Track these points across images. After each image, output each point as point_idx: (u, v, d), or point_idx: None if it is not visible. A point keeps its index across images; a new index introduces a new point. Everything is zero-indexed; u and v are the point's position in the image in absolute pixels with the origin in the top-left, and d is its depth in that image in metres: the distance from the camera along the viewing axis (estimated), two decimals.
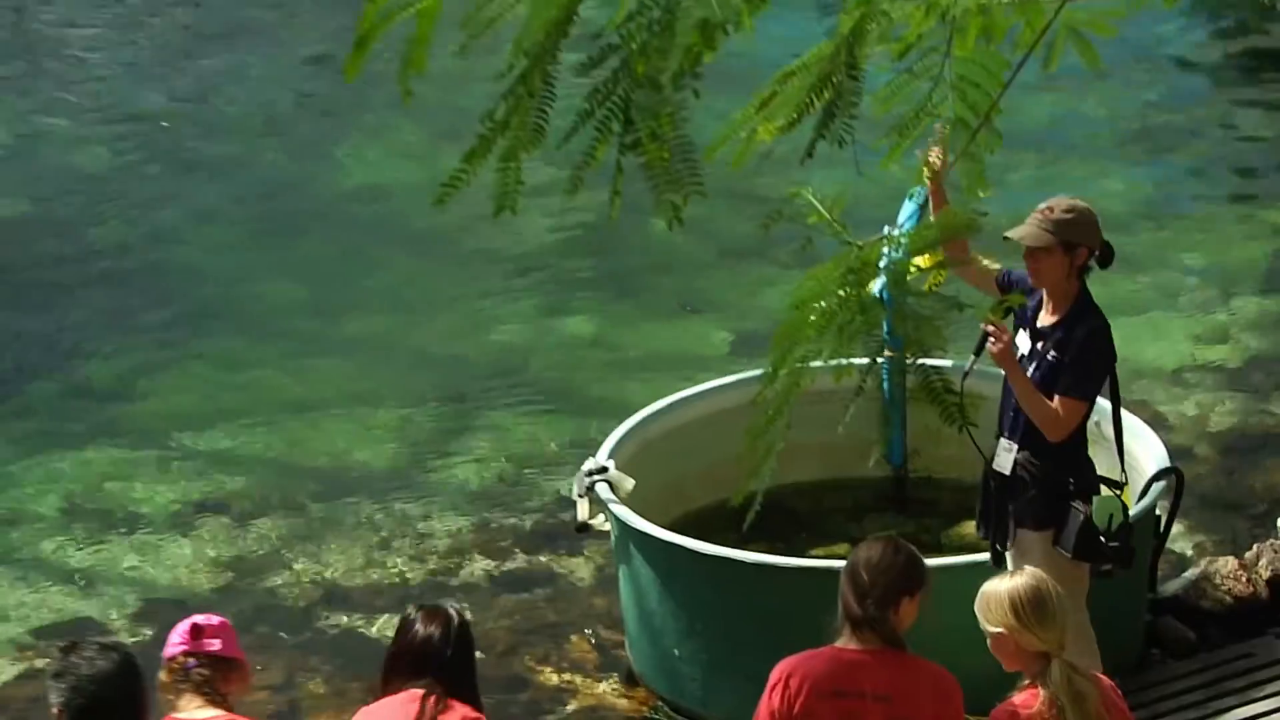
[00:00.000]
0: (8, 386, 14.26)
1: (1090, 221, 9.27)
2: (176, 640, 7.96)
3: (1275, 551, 11.66)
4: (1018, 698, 8.10)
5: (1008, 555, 9.48)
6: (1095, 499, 9.47)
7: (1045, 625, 7.89)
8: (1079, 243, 9.19)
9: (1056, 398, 9.32)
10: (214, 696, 7.47)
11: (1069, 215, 9.13)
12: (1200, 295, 14.70)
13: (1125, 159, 16.15)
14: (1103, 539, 9.45)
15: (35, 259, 15.82)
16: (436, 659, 8.04)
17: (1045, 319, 9.41)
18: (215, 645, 7.89)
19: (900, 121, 4.21)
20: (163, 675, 7.83)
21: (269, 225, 16.28)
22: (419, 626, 8.10)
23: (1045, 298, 9.39)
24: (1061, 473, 9.54)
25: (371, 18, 4.34)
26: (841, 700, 8.04)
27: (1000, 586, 7.88)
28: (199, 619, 7.89)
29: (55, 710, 7.07)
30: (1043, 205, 9.05)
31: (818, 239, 6.78)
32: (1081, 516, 9.39)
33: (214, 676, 7.69)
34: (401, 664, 8.07)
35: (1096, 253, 9.37)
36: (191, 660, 7.81)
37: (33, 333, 14.88)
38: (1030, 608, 7.92)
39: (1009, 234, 8.96)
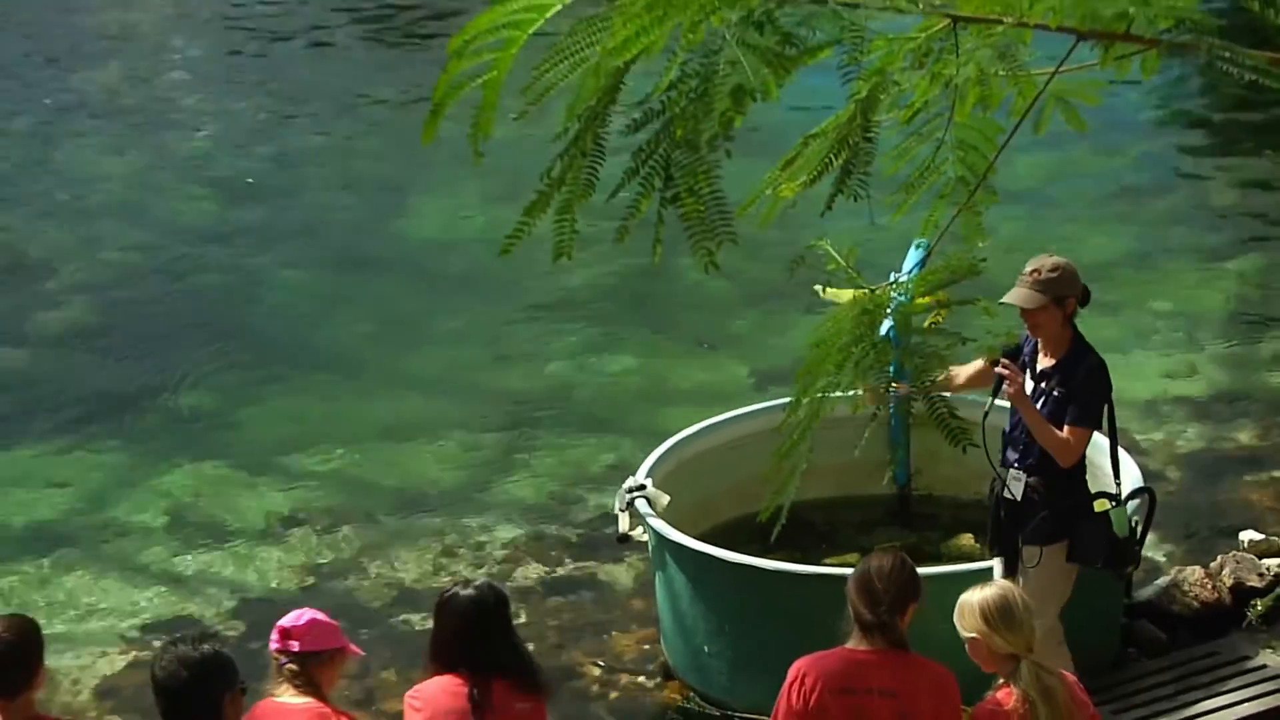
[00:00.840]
0: (120, 413, 14.28)
1: (1072, 274, 9.29)
2: (272, 641, 8.06)
3: (1237, 562, 11.67)
4: (995, 696, 8.12)
5: (1027, 569, 9.47)
6: (1111, 514, 9.53)
7: (1012, 630, 7.92)
8: (1066, 295, 9.23)
9: (1066, 427, 9.36)
10: (304, 686, 7.59)
11: (1055, 274, 9.15)
12: (1170, 336, 14.67)
13: (1104, 215, 16.14)
14: (1134, 548, 9.72)
15: (144, 299, 15.85)
16: (478, 633, 8.05)
17: (1044, 362, 9.47)
18: (295, 645, 7.96)
19: (908, 179, 4.20)
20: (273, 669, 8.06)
21: (348, 272, 16.30)
22: (457, 601, 8.10)
23: (1041, 344, 9.42)
24: (1068, 493, 9.57)
25: (444, 87, 4.35)
26: (851, 696, 8.04)
27: (972, 597, 7.93)
28: (285, 622, 7.97)
29: (155, 696, 7.10)
30: (1029, 267, 9.06)
31: (839, 279, 6.79)
32: (1101, 530, 9.52)
33: (302, 669, 7.77)
34: (444, 642, 8.08)
35: (1080, 298, 9.42)
36: (282, 657, 7.88)
37: (142, 365, 14.90)
38: (998, 615, 7.95)
39: (1005, 300, 8.97)
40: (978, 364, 9.65)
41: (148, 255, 16.50)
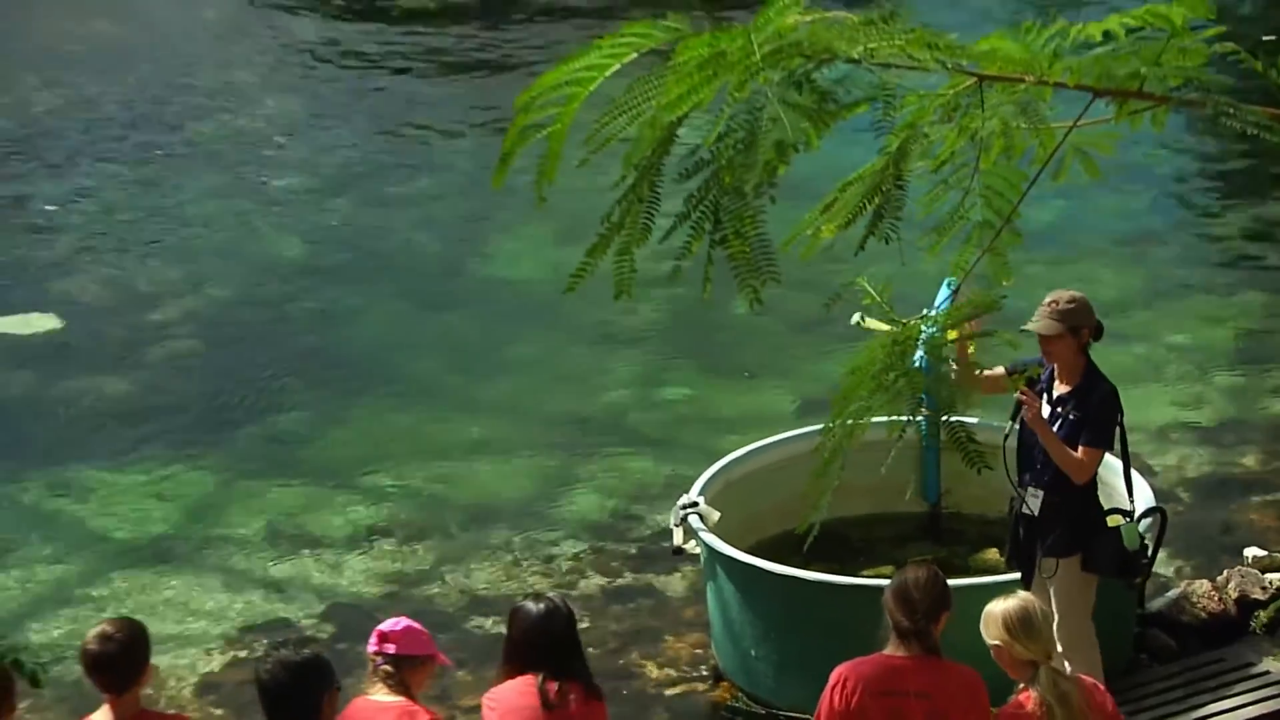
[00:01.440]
0: (220, 434, 14.32)
1: (1087, 307, 9.36)
2: (370, 643, 8.12)
3: (1242, 576, 11.60)
4: (1017, 699, 8.09)
5: (1046, 582, 9.44)
6: (1122, 528, 9.54)
7: (1032, 638, 7.91)
8: (1081, 325, 9.28)
9: (1081, 448, 9.38)
10: (396, 686, 7.63)
11: (1071, 305, 9.21)
12: (1180, 368, 14.60)
13: (1119, 254, 16.05)
14: (1143, 560, 9.76)
15: (242, 331, 15.89)
16: (547, 640, 8.06)
17: (1060, 388, 9.51)
18: (391, 648, 8.03)
19: (938, 223, 4.19)
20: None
21: (425, 305, 16.32)
22: (528, 612, 8.13)
23: (1057, 371, 9.43)
24: (1082, 509, 9.57)
25: (512, 138, 4.36)
26: (889, 699, 8.04)
27: (996, 608, 7.94)
28: (384, 627, 8.10)
29: (260, 696, 7.11)
30: (1048, 299, 9.14)
31: (874, 314, 6.77)
32: (1113, 543, 9.52)
33: (396, 671, 7.84)
34: (516, 648, 8.09)
35: (1093, 328, 9.44)
36: (378, 659, 7.93)
37: (240, 390, 14.93)
38: (1019, 625, 7.95)
39: (1026, 327, 9.00)
40: (999, 370, 9.63)
41: (245, 290, 16.54)
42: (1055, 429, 9.37)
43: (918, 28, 4.22)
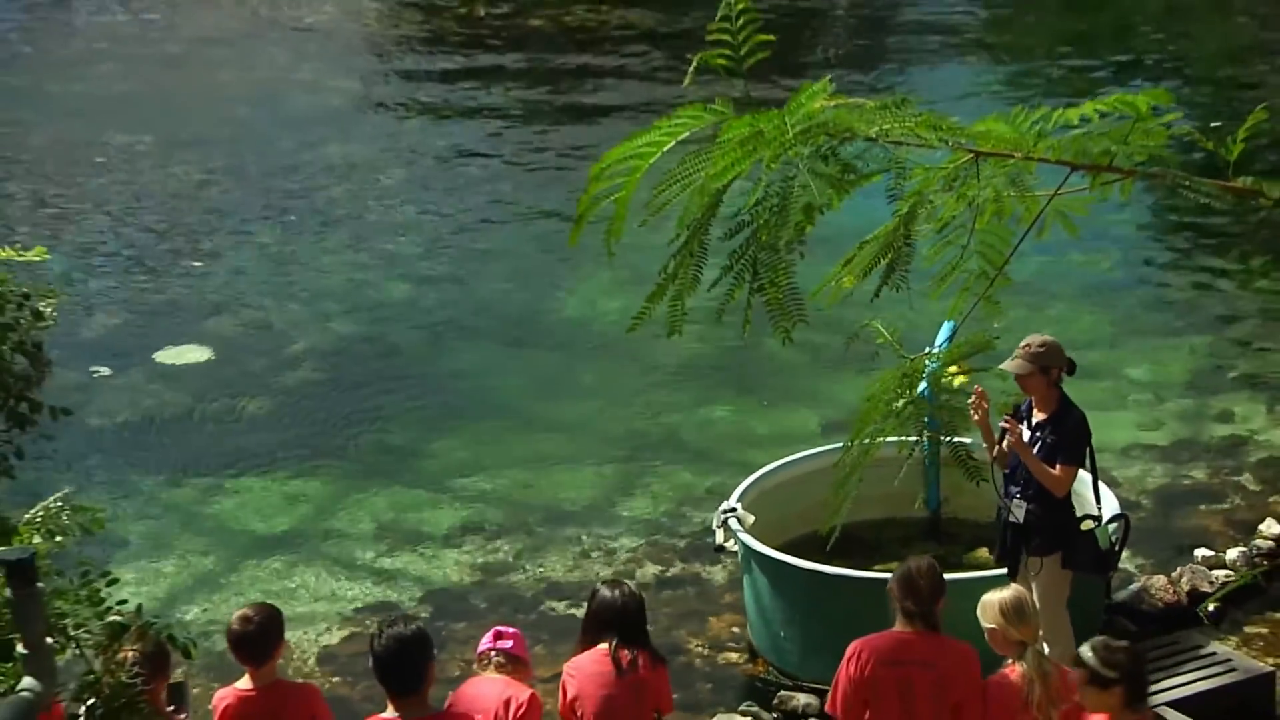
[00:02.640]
0: (340, 447, 14.34)
1: (1057, 349, 9.37)
2: (487, 640, 8.24)
3: (1193, 573, 11.57)
4: (1005, 671, 8.05)
5: (1031, 578, 9.44)
6: (1095, 531, 9.56)
7: (1022, 623, 7.94)
8: (1051, 365, 9.30)
9: (1058, 466, 9.39)
10: (503, 671, 7.91)
11: (1042, 348, 9.23)
12: (1140, 397, 14.52)
13: (1089, 302, 16.02)
14: (1114, 557, 9.76)
15: (359, 362, 15.91)
16: (620, 617, 8.08)
17: (1038, 416, 9.55)
18: (507, 645, 8.11)
19: (940, 273, 4.17)
20: (476, 665, 8.37)
21: (511, 341, 16.32)
22: (605, 594, 8.16)
23: (1034, 402, 9.46)
24: (1061, 517, 9.57)
25: (586, 202, 4.36)
26: (898, 668, 8.04)
27: (993, 597, 8.00)
28: (502, 629, 8.38)
29: (374, 664, 7.12)
30: (1024, 343, 9.22)
31: (887, 353, 6.78)
32: (1087, 543, 9.57)
33: (506, 661, 7.95)
34: (594, 623, 8.10)
35: (1065, 368, 9.43)
36: (493, 651, 8.00)
37: (355, 411, 14.95)
38: (1013, 611, 8.00)
39: (1002, 367, 9.03)
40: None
41: (362, 328, 16.58)
42: (1035, 451, 9.39)
43: (924, 112, 4.21)
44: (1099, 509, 9.80)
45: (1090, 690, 7.39)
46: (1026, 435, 9.43)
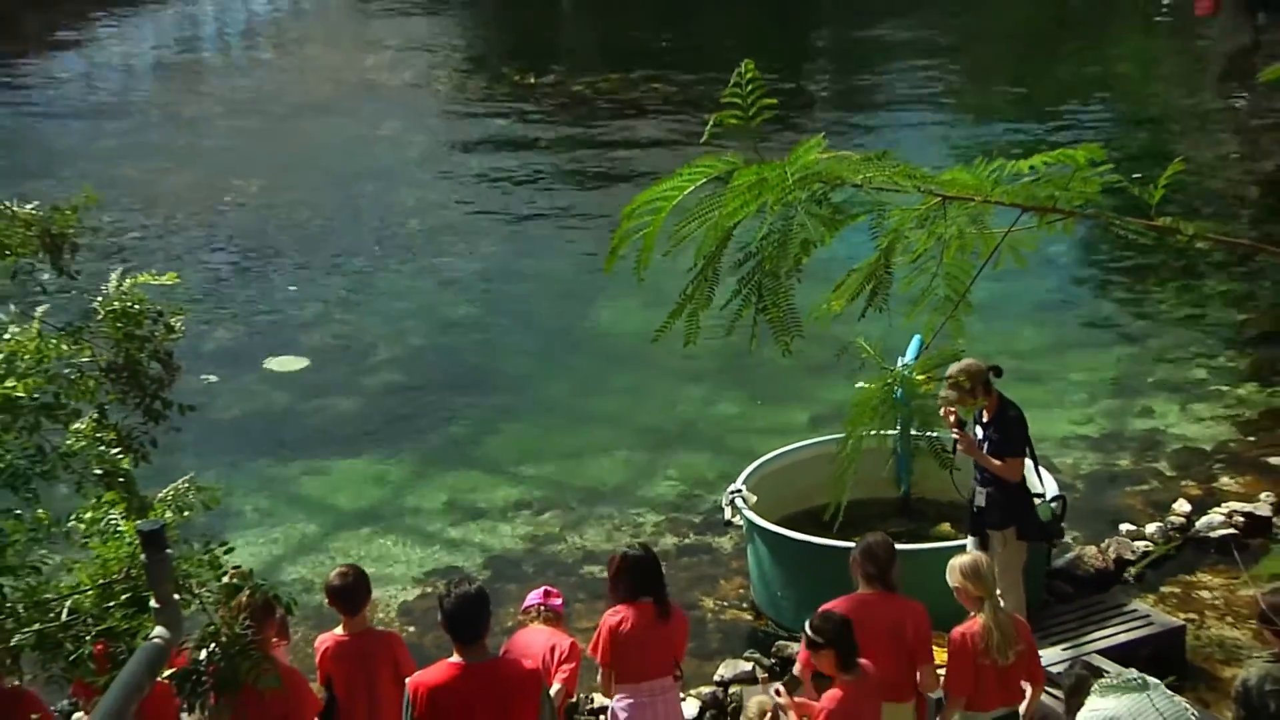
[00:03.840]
0: (414, 438, 14.39)
1: (974, 371, 9.37)
2: (535, 597, 8.31)
3: (1118, 544, 11.63)
4: (968, 623, 8.02)
5: (992, 545, 9.51)
6: (1038, 507, 9.74)
7: (980, 583, 7.95)
8: (974, 386, 9.42)
9: (1006, 459, 9.45)
10: (549, 623, 8.26)
11: (962, 376, 9.44)
12: (1075, 398, 14.51)
13: (1035, 320, 16.03)
14: (1054, 527, 9.97)
15: (429, 368, 15.97)
16: (655, 576, 8.15)
17: (985, 418, 9.62)
18: (558, 603, 8.23)
19: (913, 297, 4.16)
20: (521, 615, 8.60)
21: (555, 349, 16.37)
22: (636, 554, 8.24)
23: (973, 403, 9.54)
24: (1013, 498, 9.65)
25: (619, 236, 4.34)
26: (865, 624, 8.02)
27: (954, 562, 8.08)
28: (550, 589, 8.61)
29: (441, 613, 7.14)
30: (948, 373, 9.23)
31: (869, 364, 6.78)
32: (1035, 518, 9.72)
33: (553, 617, 8.14)
34: (629, 578, 8.14)
35: (991, 375, 9.52)
36: (543, 607, 8.08)
37: (427, 408, 14.99)
38: (971, 573, 8.03)
39: (940, 395, 9.14)
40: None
41: (431, 340, 16.65)
42: (985, 449, 9.49)
43: (901, 163, 4.20)
44: (1041, 488, 9.88)
45: (811, 651, 7.56)
46: (980, 434, 9.49)
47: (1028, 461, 9.79)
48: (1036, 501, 9.81)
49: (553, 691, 7.72)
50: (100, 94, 26.15)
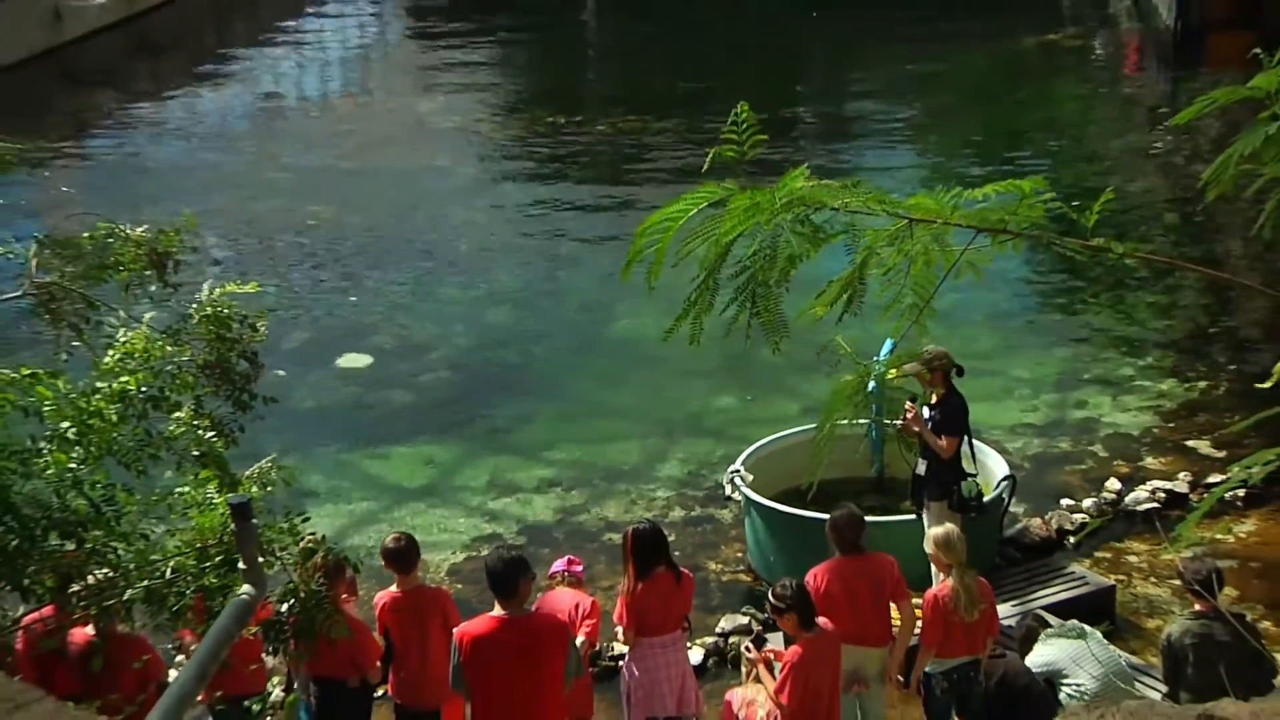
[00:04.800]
0: (461, 426, 14.47)
1: (942, 356, 9.53)
2: (560, 565, 8.36)
3: (1060, 516, 11.71)
4: (939, 586, 8.03)
5: (924, 514, 9.60)
6: (964, 484, 9.69)
7: (950, 551, 7.94)
8: (935, 366, 9.45)
9: (944, 438, 9.48)
10: (573, 587, 8.38)
11: (928, 355, 9.41)
12: (1023, 390, 14.52)
13: (988, 325, 16.02)
14: (972, 502, 9.73)
15: (474, 366, 15.99)
16: (661, 546, 8.16)
17: (933, 400, 9.67)
18: (579, 569, 8.25)
19: (884, 305, 4.16)
20: (547, 580, 8.58)
21: (581, 350, 16.38)
22: (645, 529, 8.25)
23: (930, 392, 9.65)
24: (946, 472, 9.69)
25: (633, 253, 4.34)
26: (844, 580, 8.04)
27: (931, 533, 8.12)
28: (573, 558, 8.72)
29: (488, 576, 7.17)
30: (922, 353, 9.25)
31: (847, 361, 6.77)
32: (962, 493, 9.71)
33: (575, 581, 8.26)
34: (642, 552, 8.14)
35: (953, 369, 9.64)
36: (566, 573, 8.12)
37: (473, 400, 15.03)
38: (942, 543, 8.01)
39: (906, 370, 9.16)
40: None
41: (475, 342, 16.68)
42: (929, 426, 9.56)
43: (873, 190, 4.20)
44: (974, 468, 9.91)
45: (776, 616, 7.59)
46: (927, 414, 9.51)
47: (964, 443, 9.84)
48: (970, 479, 9.85)
49: (578, 642, 7.73)
50: (199, 134, 26.25)
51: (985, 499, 9.96)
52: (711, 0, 36.71)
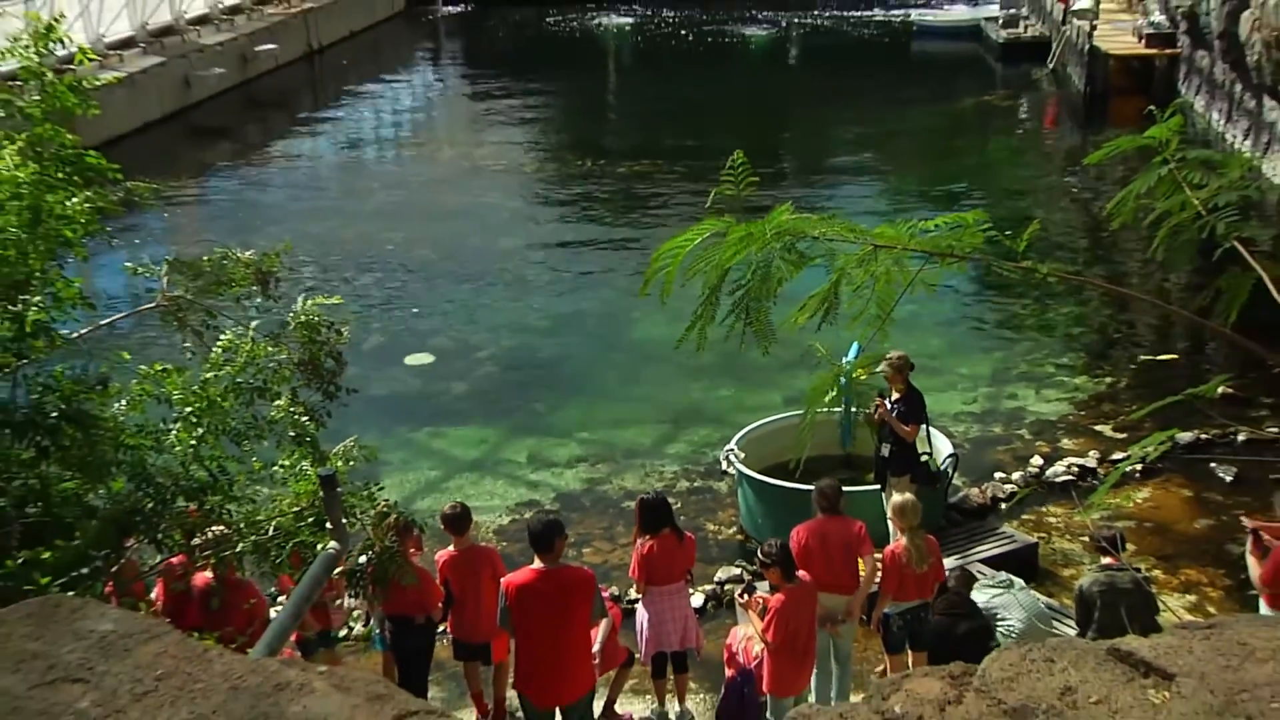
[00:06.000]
0: (506, 412, 14.41)
1: (902, 359, 9.51)
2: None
3: (994, 486, 11.67)
4: (895, 544, 7.98)
5: (886, 489, 9.55)
6: (926, 460, 9.79)
7: (905, 515, 7.86)
8: (899, 369, 9.32)
9: (908, 424, 9.41)
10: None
11: (897, 360, 9.32)
12: (965, 384, 14.46)
13: (938, 331, 15.90)
14: (938, 476, 9.99)
15: (517, 362, 15.96)
16: (665, 513, 8.07)
17: (895, 395, 9.59)
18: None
19: (855, 314, 4.12)
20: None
21: (606, 350, 16.35)
22: (652, 499, 8.17)
23: (893, 388, 9.63)
24: (909, 453, 9.61)
25: (649, 274, 4.31)
26: (821, 538, 7.98)
27: (892, 501, 8.00)
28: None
29: (528, 534, 7.13)
30: (887, 357, 9.24)
31: (823, 361, 6.74)
32: (924, 468, 9.78)
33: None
34: (650, 518, 8.07)
35: (910, 368, 9.60)
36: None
37: (517, 390, 15.00)
38: (899, 510, 7.93)
39: (877, 370, 9.11)
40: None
41: (518, 344, 16.61)
42: (895, 415, 9.49)
43: (845, 222, 4.17)
44: (931, 449, 9.82)
45: (763, 569, 7.53)
46: (891, 406, 9.48)
47: (923, 429, 9.80)
48: (924, 458, 9.81)
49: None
50: (296, 176, 26.29)
51: (935, 473, 10.02)
52: (714, 66, 36.72)
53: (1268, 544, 7.59)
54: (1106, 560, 7.75)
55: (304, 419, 6.45)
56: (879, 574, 8.13)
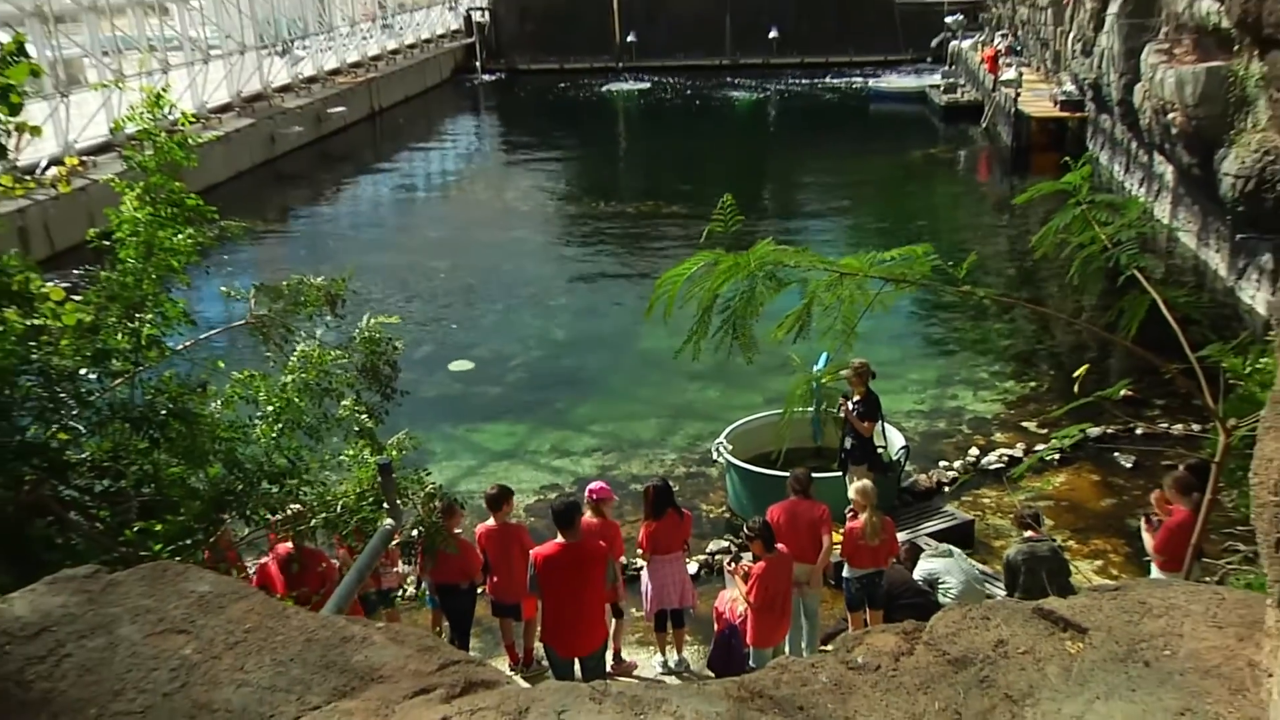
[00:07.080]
0: (534, 409, 14.34)
1: (864, 366, 9.46)
2: (593, 490, 8.07)
3: (938, 473, 11.56)
4: (854, 520, 7.93)
5: (848, 475, 9.50)
6: (881, 452, 9.58)
7: (865, 497, 7.80)
8: (861, 374, 9.28)
9: (865, 422, 9.38)
10: (597, 514, 7.75)
11: (859, 366, 9.29)
12: (915, 388, 14.38)
13: (893, 343, 15.84)
14: (890, 465, 9.94)
15: (543, 369, 15.93)
16: (669, 497, 8.02)
17: (856, 396, 9.50)
18: (595, 496, 7.96)
19: (824, 330, 4.11)
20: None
21: (617, 357, 16.28)
22: (658, 485, 8.11)
23: (854, 390, 9.49)
24: (867, 445, 9.57)
25: (654, 297, 4.31)
26: (792, 516, 7.94)
27: (854, 485, 7.88)
28: (594, 489, 8.12)
29: (552, 513, 7.11)
30: (850, 363, 9.18)
31: (798, 368, 6.72)
32: (879, 458, 9.56)
33: (596, 510, 7.83)
34: (658, 501, 8.02)
35: (870, 374, 9.50)
36: (594, 496, 7.89)
37: (542, 391, 14.96)
38: (860, 492, 7.85)
39: (843, 373, 9.06)
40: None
41: (543, 353, 16.59)
42: (855, 414, 9.41)
43: (815, 254, 4.17)
44: (885, 441, 9.77)
45: (748, 541, 7.51)
46: (852, 406, 9.46)
47: (879, 425, 9.76)
48: (879, 450, 9.77)
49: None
50: (360, 216, 26.35)
51: (889, 463, 9.98)
52: (706, 124, 36.76)
53: (1157, 520, 7.58)
54: (1029, 533, 7.75)
55: (365, 416, 6.45)
56: (838, 547, 8.14)
